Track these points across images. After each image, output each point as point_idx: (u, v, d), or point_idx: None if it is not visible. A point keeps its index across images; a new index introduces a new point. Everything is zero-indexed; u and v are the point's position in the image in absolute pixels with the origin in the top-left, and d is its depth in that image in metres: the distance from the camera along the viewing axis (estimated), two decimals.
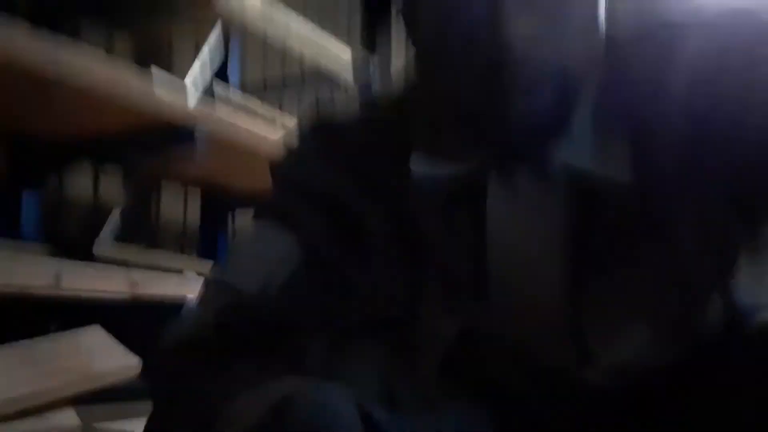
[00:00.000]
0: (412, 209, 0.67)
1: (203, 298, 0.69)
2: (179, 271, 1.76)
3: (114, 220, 1.93)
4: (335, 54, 2.27)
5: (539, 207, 0.62)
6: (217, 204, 2.34)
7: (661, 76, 0.61)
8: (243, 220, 2.55)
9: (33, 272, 1.31)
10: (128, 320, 1.56)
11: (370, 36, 0.79)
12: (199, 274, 1.78)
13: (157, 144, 1.71)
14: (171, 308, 1.55)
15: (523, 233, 0.63)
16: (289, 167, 0.74)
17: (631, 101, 0.62)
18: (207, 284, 0.70)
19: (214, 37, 2.24)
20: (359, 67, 2.40)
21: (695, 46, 0.60)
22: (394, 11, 0.63)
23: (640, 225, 0.62)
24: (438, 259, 0.67)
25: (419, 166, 0.65)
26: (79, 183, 1.98)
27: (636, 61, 0.63)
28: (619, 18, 0.65)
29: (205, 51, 2.22)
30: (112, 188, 2.06)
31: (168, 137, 1.66)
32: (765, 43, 0.57)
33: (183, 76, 2.02)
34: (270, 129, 1.84)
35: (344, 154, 0.70)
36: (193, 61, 2.23)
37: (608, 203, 0.61)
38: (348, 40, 2.97)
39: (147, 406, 0.64)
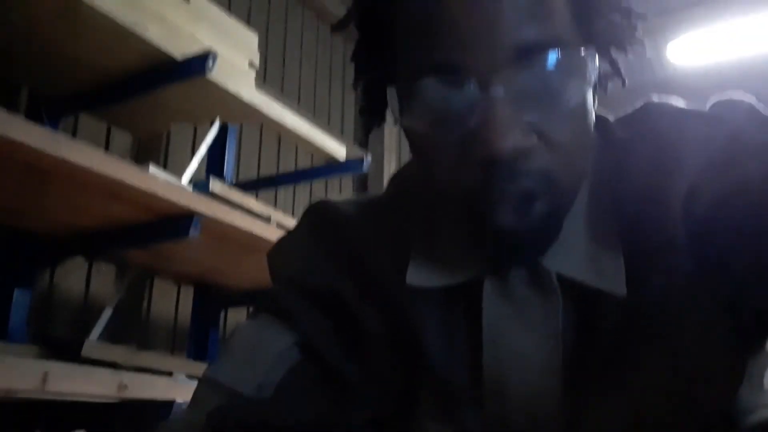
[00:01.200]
0: (409, 315, 0.66)
1: (196, 398, 0.67)
2: (169, 373, 1.72)
3: (104, 319, 1.89)
4: (329, 151, 2.30)
5: (534, 315, 0.61)
6: (210, 302, 2.32)
7: (657, 186, 0.61)
8: (235, 319, 2.52)
9: (19, 374, 1.27)
10: (115, 423, 1.51)
11: (364, 135, 0.80)
12: (189, 376, 1.74)
13: (151, 240, 1.70)
14: (159, 411, 1.50)
15: (518, 341, 0.62)
16: (288, 261, 0.73)
17: (625, 210, 0.62)
18: (201, 382, 0.68)
19: (210, 134, 2.27)
20: (353, 165, 2.43)
21: (693, 157, 0.60)
22: (392, 120, 0.64)
23: (639, 336, 0.60)
24: (434, 363, 0.66)
25: (417, 278, 0.65)
26: (71, 280, 1.96)
27: (630, 168, 0.63)
28: (611, 125, 0.67)
29: (202, 148, 2.25)
30: (104, 285, 2.04)
31: (162, 233, 1.65)
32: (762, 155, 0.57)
33: (179, 172, 2.03)
34: (264, 226, 1.83)
35: (344, 252, 0.70)
36: (189, 157, 2.25)
37: (605, 313, 0.61)
38: (342, 137, 3.02)
39: None
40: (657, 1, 3.70)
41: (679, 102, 0.66)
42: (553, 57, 0.53)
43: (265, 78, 2.88)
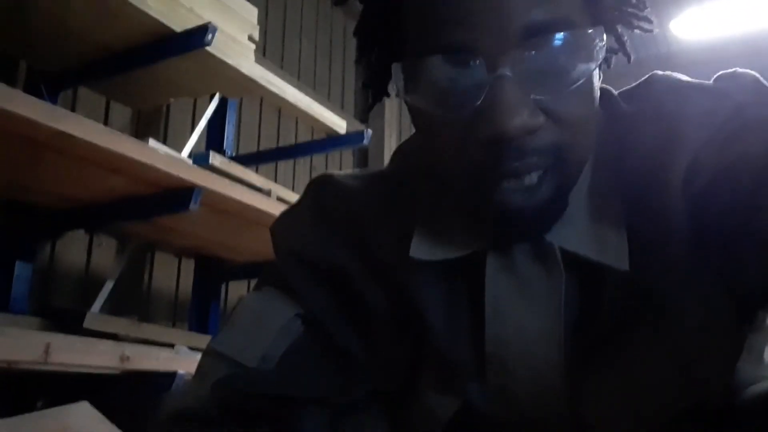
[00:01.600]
0: (412, 289, 0.66)
1: (201, 369, 0.68)
2: (170, 345, 1.73)
3: (106, 291, 1.90)
4: (330, 124, 2.29)
5: (537, 288, 0.62)
6: (210, 275, 2.33)
7: (660, 160, 0.61)
8: (236, 292, 2.53)
9: (21, 345, 1.28)
10: (118, 394, 1.53)
11: (366, 109, 0.80)
12: (191, 347, 1.76)
13: (151, 213, 1.71)
14: (161, 383, 1.51)
15: (521, 314, 0.62)
16: (292, 235, 0.73)
17: (627, 185, 0.62)
18: (205, 353, 0.69)
19: (210, 107, 2.27)
20: (353, 138, 2.42)
21: (695, 132, 0.60)
22: (393, 93, 0.64)
23: (641, 311, 0.61)
24: (436, 337, 0.66)
25: (420, 252, 0.65)
26: (72, 253, 1.96)
27: (633, 142, 0.63)
28: (615, 99, 0.67)
29: (202, 121, 2.24)
30: (105, 258, 2.05)
31: (163, 206, 1.66)
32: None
33: (179, 146, 2.03)
34: (264, 199, 1.84)
35: (347, 226, 0.70)
36: (189, 131, 2.25)
37: (607, 288, 0.61)
38: (342, 113, 3.02)
39: None
40: None
41: (683, 76, 0.66)
42: (560, 38, 0.53)
43: (264, 52, 2.87)
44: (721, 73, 0.64)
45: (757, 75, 0.62)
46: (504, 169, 0.54)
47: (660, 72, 0.67)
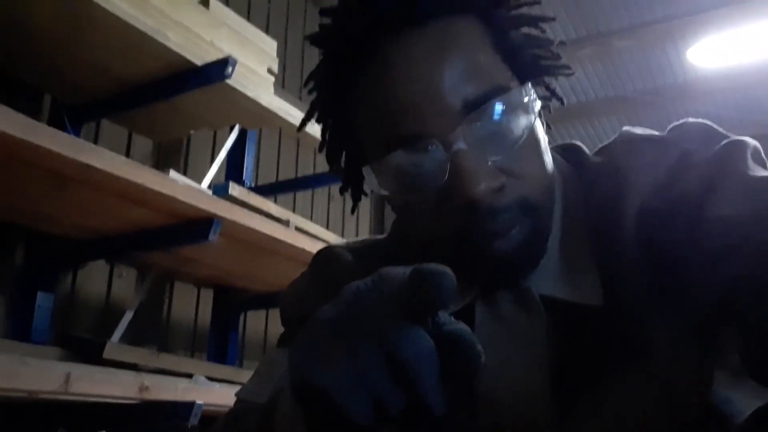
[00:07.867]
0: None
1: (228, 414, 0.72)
2: (189, 375, 1.73)
3: (125, 321, 1.91)
4: None
5: (522, 332, 0.66)
6: (229, 305, 2.33)
7: (615, 206, 0.67)
8: (254, 322, 2.53)
9: (42, 375, 1.29)
10: (137, 424, 1.53)
11: (352, 208, 0.88)
12: (209, 377, 1.76)
13: (171, 244, 1.72)
14: (180, 413, 1.51)
15: (508, 355, 0.66)
16: (295, 303, 0.80)
17: (592, 229, 0.68)
18: (235, 403, 0.75)
19: (230, 139, 2.29)
20: None
21: (642, 180, 0.66)
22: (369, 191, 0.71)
23: (618, 345, 0.65)
24: None
25: None
26: (93, 283, 1.98)
27: (594, 190, 0.70)
28: (583, 152, 0.74)
29: (222, 153, 2.27)
30: (126, 288, 2.06)
31: (183, 237, 1.67)
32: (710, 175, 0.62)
33: (199, 177, 2.05)
34: (283, 229, 1.85)
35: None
36: (209, 162, 2.27)
37: (585, 325, 0.65)
38: None
39: None
40: (678, 3, 3.68)
41: (643, 130, 0.73)
42: (496, 104, 0.61)
43: (283, 84, 2.90)
44: (674, 123, 0.71)
45: (708, 123, 0.69)
46: (482, 230, 0.60)
47: (627, 128, 0.74)
